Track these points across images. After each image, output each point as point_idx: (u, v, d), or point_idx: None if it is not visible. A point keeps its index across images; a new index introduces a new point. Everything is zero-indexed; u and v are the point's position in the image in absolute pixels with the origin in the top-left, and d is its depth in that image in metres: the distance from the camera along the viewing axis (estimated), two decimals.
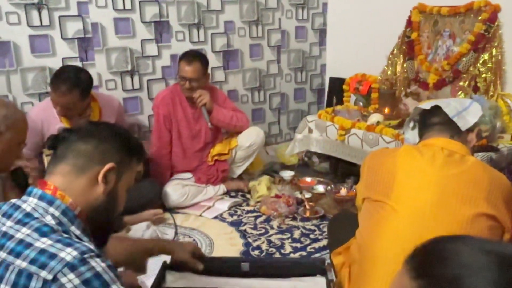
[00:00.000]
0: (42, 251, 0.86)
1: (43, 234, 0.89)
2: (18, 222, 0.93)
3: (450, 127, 1.51)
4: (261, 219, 2.64)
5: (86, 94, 2.45)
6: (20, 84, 2.65)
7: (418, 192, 1.42)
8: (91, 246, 0.89)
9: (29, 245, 0.87)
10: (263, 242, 2.37)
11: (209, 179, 2.96)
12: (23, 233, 0.90)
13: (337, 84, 3.62)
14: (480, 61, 2.72)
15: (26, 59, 2.64)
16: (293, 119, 3.95)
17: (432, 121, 1.58)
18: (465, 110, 1.53)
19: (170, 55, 3.13)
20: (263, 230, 2.50)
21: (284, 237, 2.42)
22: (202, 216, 2.70)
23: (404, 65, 3.13)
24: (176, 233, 2.47)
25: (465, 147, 1.49)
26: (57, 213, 0.96)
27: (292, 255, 2.24)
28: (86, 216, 1.02)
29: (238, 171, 3.07)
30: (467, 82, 2.78)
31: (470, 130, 1.53)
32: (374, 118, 2.80)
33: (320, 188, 2.94)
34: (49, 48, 2.69)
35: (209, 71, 2.90)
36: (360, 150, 2.74)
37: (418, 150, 1.48)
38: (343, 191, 2.74)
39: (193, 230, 2.53)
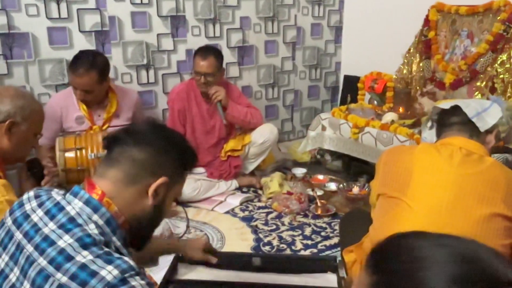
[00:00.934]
0: (83, 267, 0.84)
1: (85, 246, 0.87)
2: (61, 227, 0.91)
3: (469, 128, 1.49)
4: (273, 215, 2.64)
5: (103, 77, 2.48)
6: (37, 75, 2.69)
7: (434, 189, 1.41)
8: (132, 263, 0.87)
9: (70, 258, 0.85)
10: (274, 238, 2.37)
11: (222, 174, 2.97)
12: (65, 241, 0.88)
13: (351, 82, 3.60)
14: (498, 62, 2.68)
15: (44, 50, 2.67)
16: (306, 117, 3.94)
17: (451, 121, 1.57)
18: (485, 111, 1.51)
19: (186, 49, 3.14)
20: (274, 226, 2.51)
21: (295, 234, 2.42)
22: (213, 210, 2.71)
23: (421, 64, 3.10)
24: (187, 227, 2.48)
25: (483, 148, 1.48)
26: (101, 222, 0.94)
27: (302, 252, 2.24)
28: (129, 226, 1.00)
29: (251, 167, 3.07)
30: (484, 83, 2.74)
31: (489, 131, 1.52)
32: (389, 117, 2.78)
33: (332, 186, 2.93)
34: (67, 40, 2.72)
35: (224, 66, 2.90)
36: (374, 149, 2.72)
37: (436, 148, 1.47)
38: (356, 190, 2.73)
39: (205, 224, 2.54)
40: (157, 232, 2.22)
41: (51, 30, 2.67)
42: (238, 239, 2.38)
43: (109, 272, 0.83)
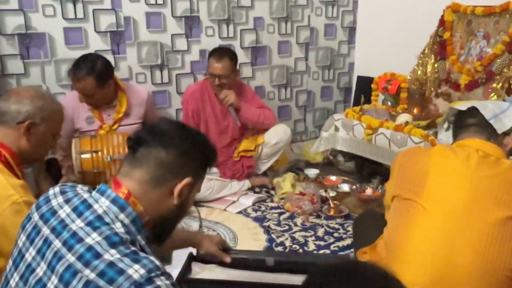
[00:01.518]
0: (111, 265, 0.86)
1: (113, 245, 0.89)
2: (89, 224, 0.93)
3: (486, 130, 1.48)
4: (285, 215, 2.64)
5: (103, 81, 2.47)
6: (54, 75, 2.72)
7: (450, 192, 1.40)
8: (157, 263, 0.88)
9: (98, 255, 0.87)
10: (286, 239, 2.37)
11: (234, 174, 2.98)
12: (93, 238, 0.90)
13: (365, 83, 3.58)
14: None
15: (60, 50, 2.71)
16: (319, 117, 3.93)
17: (467, 122, 1.56)
18: (502, 113, 1.50)
19: (199, 50, 3.16)
20: (287, 227, 2.50)
21: (308, 234, 2.42)
22: (226, 210, 2.72)
23: (435, 65, 3.07)
24: (200, 226, 2.49)
25: (500, 150, 1.46)
26: (127, 221, 0.96)
27: (315, 253, 2.23)
28: (153, 225, 1.02)
29: (263, 167, 3.07)
30: (500, 84, 2.71)
31: (506, 133, 1.50)
32: (403, 118, 2.76)
33: (345, 187, 2.92)
34: (83, 41, 2.76)
35: (238, 67, 2.91)
36: (388, 150, 2.70)
37: (452, 150, 1.46)
38: (369, 191, 2.71)
39: (217, 224, 2.55)
40: None
41: (67, 30, 2.70)
42: (250, 239, 2.38)
43: (136, 271, 0.85)
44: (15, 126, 1.44)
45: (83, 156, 2.23)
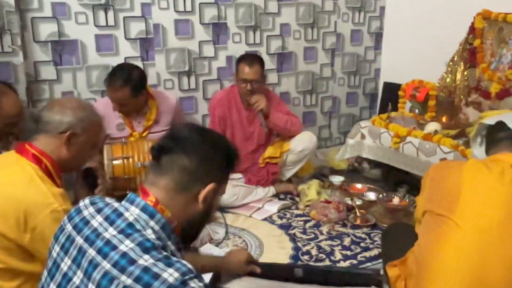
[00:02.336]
0: (146, 270, 0.88)
1: (146, 251, 0.91)
2: (121, 232, 0.96)
3: None
4: (311, 223, 2.64)
5: (138, 92, 2.54)
6: (85, 81, 2.78)
7: (484, 208, 1.37)
8: (190, 266, 0.91)
9: (133, 261, 0.90)
10: (312, 248, 2.37)
11: (259, 180, 2.99)
12: (126, 245, 0.92)
13: (391, 90, 3.54)
14: None
15: (91, 57, 2.77)
16: (344, 123, 3.91)
17: (498, 136, 1.53)
18: None
19: (226, 56, 3.18)
20: (313, 235, 2.50)
21: (334, 243, 2.41)
22: (251, 217, 2.73)
23: (465, 73, 3.02)
24: (226, 232, 2.51)
25: None
26: (157, 228, 0.99)
27: (342, 263, 2.22)
28: (181, 230, 1.05)
29: (288, 174, 3.08)
30: None
31: None
32: (432, 126, 2.72)
33: (371, 196, 2.89)
34: (113, 48, 2.81)
35: (266, 74, 2.93)
36: (416, 159, 2.67)
37: (486, 165, 1.43)
38: (396, 200, 2.68)
39: (243, 231, 2.56)
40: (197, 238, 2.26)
41: (99, 37, 2.76)
42: (276, 247, 2.38)
43: (170, 275, 0.87)
44: (57, 136, 1.49)
45: (114, 162, 2.28)
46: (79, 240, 0.99)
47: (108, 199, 1.07)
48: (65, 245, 1.02)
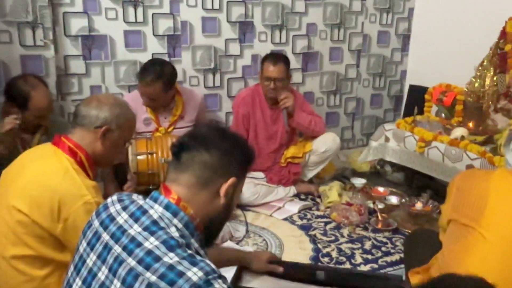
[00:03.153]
0: (171, 267, 0.89)
1: (170, 249, 0.93)
2: (146, 229, 0.97)
3: None
4: (331, 225, 2.63)
5: (169, 87, 2.59)
6: (112, 76, 2.83)
7: (511, 219, 1.35)
8: (213, 266, 0.92)
9: (158, 259, 0.91)
10: (333, 250, 2.36)
11: (281, 180, 2.99)
12: (151, 243, 0.94)
13: (417, 92, 3.50)
14: None
15: (120, 52, 2.81)
16: (368, 125, 3.88)
17: None
18: None
19: (252, 55, 3.19)
20: (333, 237, 2.49)
21: (355, 246, 2.40)
22: (272, 216, 2.74)
23: (494, 78, 2.95)
24: (247, 231, 2.52)
25: None
26: (180, 225, 1.01)
27: (362, 267, 2.21)
28: (203, 226, 1.06)
29: (310, 174, 3.07)
30: None
31: None
32: (458, 132, 2.68)
33: (394, 200, 2.86)
34: (141, 44, 2.85)
35: (291, 73, 2.93)
36: (441, 164, 2.63)
37: None
38: (419, 205, 2.65)
39: (263, 230, 2.57)
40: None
41: (128, 33, 2.80)
42: (296, 248, 2.39)
43: (194, 274, 0.89)
44: (92, 130, 1.53)
45: (139, 157, 2.32)
46: (105, 236, 1.01)
47: (135, 196, 1.09)
48: (92, 241, 1.04)
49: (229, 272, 1.58)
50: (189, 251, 0.94)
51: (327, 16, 3.39)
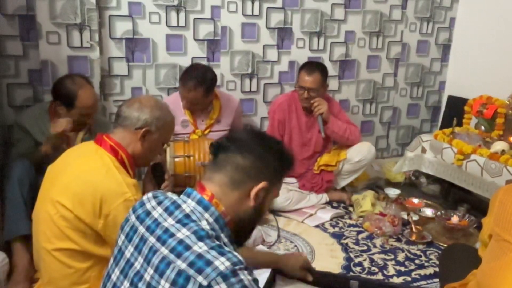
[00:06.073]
0: (199, 256, 0.94)
1: (200, 238, 0.97)
2: (179, 221, 1.03)
3: None
4: (363, 235, 2.61)
5: (210, 92, 2.66)
6: (153, 78, 2.90)
7: None
8: (240, 257, 0.96)
9: (188, 247, 0.96)
10: (365, 260, 2.34)
11: (313, 187, 2.99)
12: (183, 233, 0.99)
13: (455, 103, 3.44)
14: None
15: (161, 56, 2.88)
16: (403, 135, 3.83)
17: None
18: None
19: (289, 61, 3.21)
20: (365, 247, 2.47)
21: (387, 258, 2.37)
22: (303, 222, 2.74)
23: None
24: (278, 236, 2.53)
25: None
26: (211, 220, 1.05)
27: (395, 279, 2.19)
28: (233, 225, 1.10)
29: (342, 183, 3.06)
30: None
31: None
32: (499, 146, 2.61)
33: (428, 212, 2.81)
34: (182, 48, 2.91)
35: (327, 82, 2.92)
36: (479, 178, 2.57)
37: None
38: (455, 219, 2.59)
39: (295, 236, 2.58)
40: (251, 239, 2.31)
41: (169, 37, 2.87)
42: (328, 256, 2.38)
43: (222, 263, 0.92)
44: (133, 131, 1.58)
45: (176, 159, 2.37)
46: (141, 229, 1.06)
47: (169, 193, 1.14)
48: (129, 234, 1.10)
49: (262, 275, 1.60)
50: (218, 242, 0.98)
51: (366, 24, 3.37)
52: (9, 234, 1.99)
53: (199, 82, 2.58)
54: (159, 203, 1.09)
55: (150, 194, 1.15)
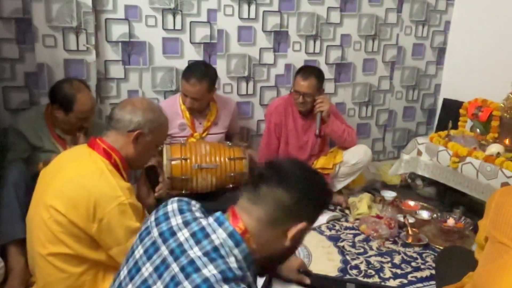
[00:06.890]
0: None
1: (226, 281, 0.91)
2: (206, 254, 0.95)
3: None
4: (360, 237, 2.62)
5: (212, 87, 2.67)
6: (150, 81, 2.90)
7: None
8: None
9: None
10: (361, 262, 2.35)
11: None
12: (209, 270, 0.92)
13: (450, 106, 3.45)
14: None
15: (157, 59, 2.88)
16: (399, 138, 3.84)
17: None
18: None
19: (285, 64, 3.22)
20: (362, 250, 2.48)
21: (384, 260, 2.38)
22: None
23: None
24: None
25: None
26: (240, 257, 0.98)
27: (392, 281, 2.19)
28: (262, 261, 1.04)
29: (339, 185, 3.06)
30: None
31: None
32: (494, 148, 2.63)
33: (424, 214, 2.82)
34: (178, 51, 2.91)
35: (323, 86, 2.93)
36: (475, 181, 2.59)
37: None
38: (451, 221, 2.60)
39: None
40: None
41: (166, 40, 2.87)
42: (324, 259, 2.38)
43: None
44: (126, 134, 1.57)
45: (173, 162, 2.36)
46: (164, 251, 0.99)
47: (195, 207, 1.08)
48: (149, 250, 1.02)
49: (258, 279, 1.59)
50: (243, 286, 0.92)
51: (361, 27, 3.39)
52: (4, 238, 1.97)
53: (203, 75, 2.59)
54: (186, 224, 1.02)
55: (175, 205, 1.08)
